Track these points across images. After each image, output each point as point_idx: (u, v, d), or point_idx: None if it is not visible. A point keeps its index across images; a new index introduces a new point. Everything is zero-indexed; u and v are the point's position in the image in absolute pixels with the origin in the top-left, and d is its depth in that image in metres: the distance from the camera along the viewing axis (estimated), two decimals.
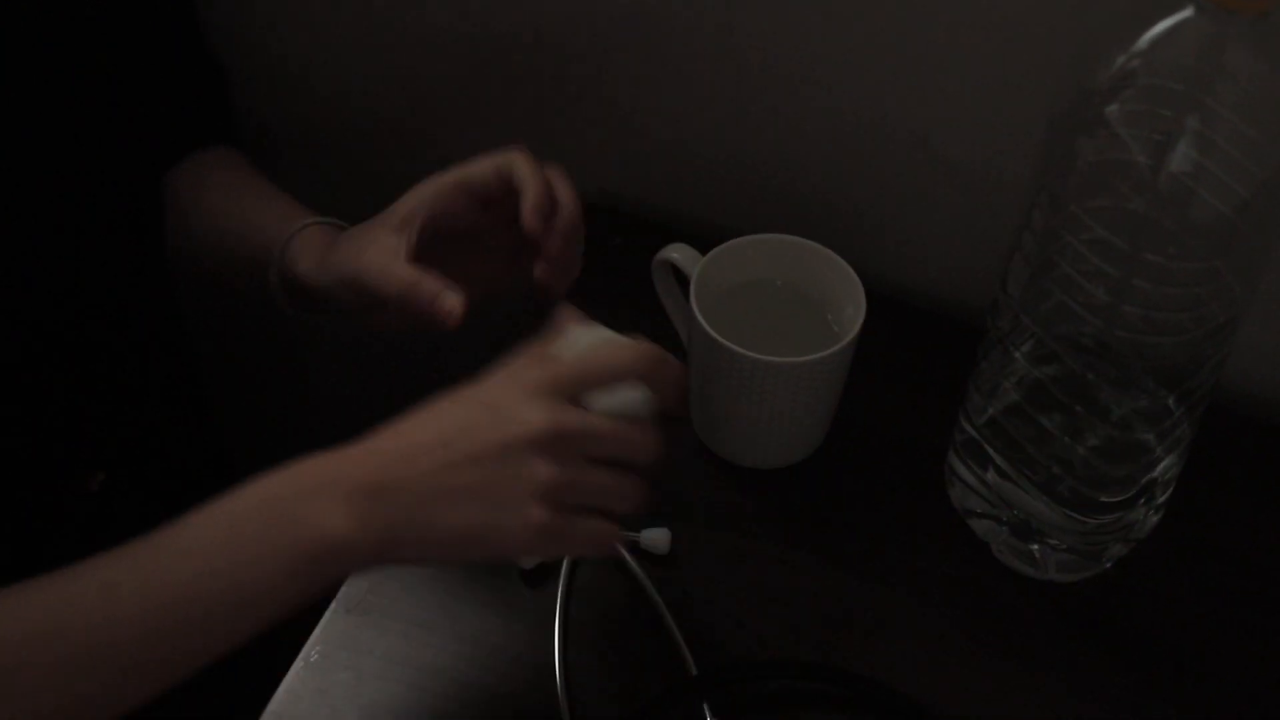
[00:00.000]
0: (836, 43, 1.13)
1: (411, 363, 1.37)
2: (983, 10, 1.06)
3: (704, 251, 1.06)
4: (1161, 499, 1.03)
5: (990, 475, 1.03)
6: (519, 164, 0.96)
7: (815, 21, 1.12)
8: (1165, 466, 1.00)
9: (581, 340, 0.88)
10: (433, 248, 0.97)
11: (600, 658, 1.00)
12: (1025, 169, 1.06)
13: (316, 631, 1.00)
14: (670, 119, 1.24)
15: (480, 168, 0.98)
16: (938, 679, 0.99)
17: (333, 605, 1.02)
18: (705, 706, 0.96)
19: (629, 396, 0.85)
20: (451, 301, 0.92)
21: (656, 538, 1.04)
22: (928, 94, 1.12)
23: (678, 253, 1.06)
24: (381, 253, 0.96)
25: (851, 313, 1.03)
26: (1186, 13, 0.81)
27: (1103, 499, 0.99)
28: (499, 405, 0.81)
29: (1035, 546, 1.03)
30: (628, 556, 1.03)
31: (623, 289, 1.19)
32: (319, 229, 1.05)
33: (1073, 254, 0.89)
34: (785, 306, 1.08)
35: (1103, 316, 0.90)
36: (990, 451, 1.02)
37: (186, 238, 1.11)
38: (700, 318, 1.01)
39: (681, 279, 1.07)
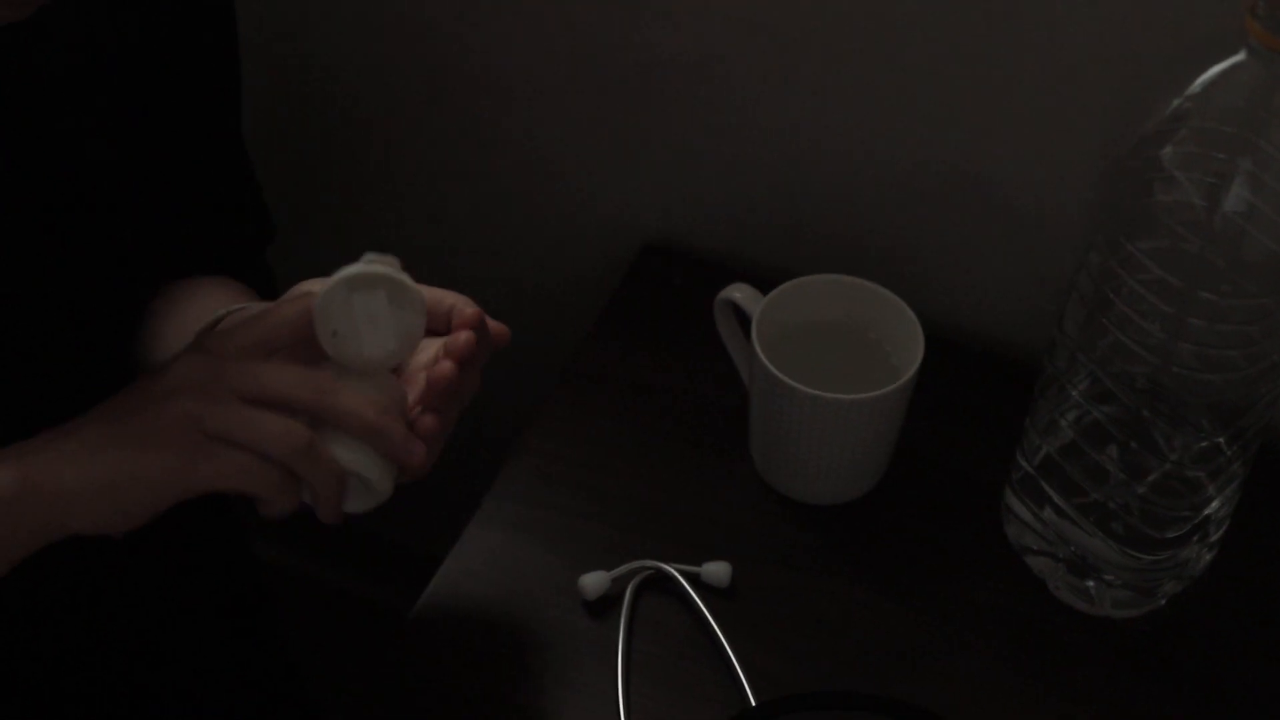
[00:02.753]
0: (893, 87, 1.14)
1: None
2: (1038, 56, 1.07)
3: (762, 290, 1.08)
4: (1215, 536, 1.03)
5: (1047, 512, 1.04)
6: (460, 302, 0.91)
7: (872, 66, 1.13)
8: (1218, 505, 1.00)
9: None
10: None
11: (661, 689, 1.01)
12: (1078, 210, 1.08)
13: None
14: (730, 161, 1.25)
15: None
16: (992, 712, 1.00)
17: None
18: None
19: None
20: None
21: (718, 571, 1.06)
22: (983, 137, 1.14)
23: (739, 292, 1.08)
24: None
25: (910, 352, 1.04)
26: (1239, 56, 0.83)
27: (1157, 536, 0.99)
28: (156, 374, 0.84)
29: (1091, 583, 1.04)
30: (689, 589, 1.05)
31: (682, 327, 1.21)
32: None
33: (1129, 293, 0.90)
34: (845, 346, 1.10)
35: (1158, 354, 0.91)
36: (1047, 489, 1.03)
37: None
38: (762, 356, 1.03)
39: (742, 318, 1.09)
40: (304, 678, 1.35)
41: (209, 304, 1.04)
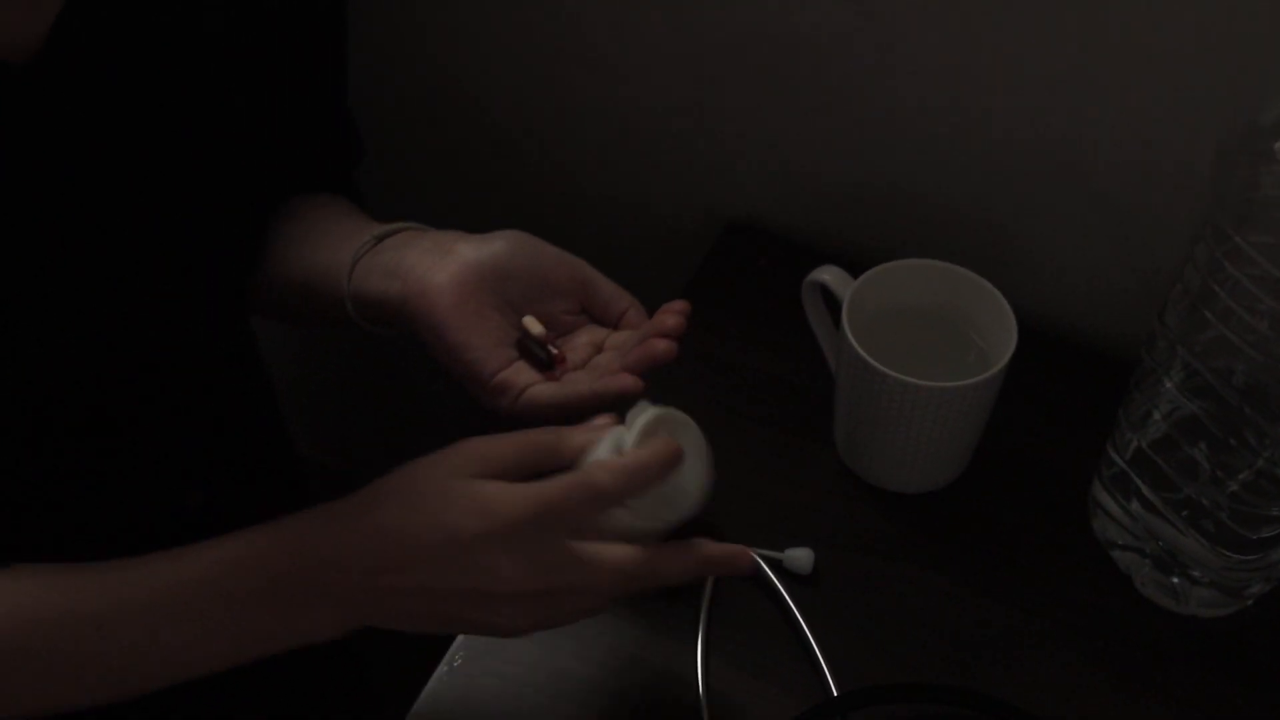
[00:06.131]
0: (991, 71, 1.13)
1: None
2: (1144, 42, 1.06)
3: (850, 274, 1.07)
4: None
5: (1135, 506, 1.02)
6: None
7: (972, 50, 1.12)
8: None
9: (609, 445, 0.85)
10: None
11: (741, 674, 1.00)
12: (1179, 202, 1.06)
13: (460, 638, 1.01)
14: (819, 141, 1.24)
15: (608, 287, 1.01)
16: (1074, 707, 0.99)
17: None
18: None
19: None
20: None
21: (800, 558, 1.05)
22: (1084, 125, 1.12)
23: (829, 274, 1.07)
24: (484, 329, 0.96)
25: (1002, 340, 1.03)
26: None
27: (1248, 535, 0.98)
28: (489, 551, 0.81)
29: (1177, 579, 1.02)
30: (771, 575, 1.04)
31: (765, 308, 1.20)
32: (382, 245, 1.03)
33: (1234, 286, 0.89)
34: (935, 332, 1.09)
35: (1260, 350, 0.90)
36: (1137, 482, 1.01)
37: (274, 273, 1.10)
38: (853, 340, 1.01)
39: (830, 300, 1.08)
40: (367, 649, 1.35)
41: (337, 219, 1.08)
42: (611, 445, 0.84)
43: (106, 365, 0.97)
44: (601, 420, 0.86)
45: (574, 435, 0.85)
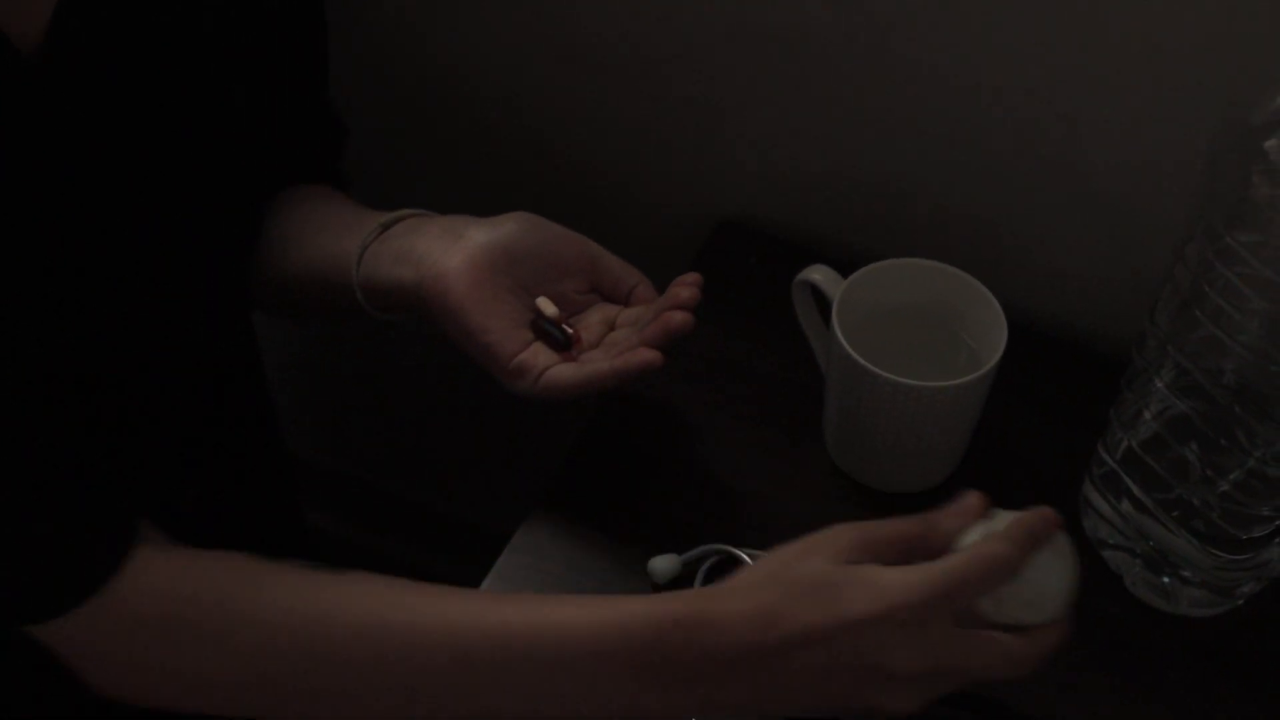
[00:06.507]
0: (988, 71, 1.13)
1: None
2: (1137, 42, 1.06)
3: (839, 272, 1.07)
4: None
5: (1125, 506, 1.02)
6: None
7: (967, 49, 1.12)
8: None
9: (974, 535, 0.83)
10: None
11: None
12: (1173, 204, 1.06)
13: None
14: (814, 141, 1.24)
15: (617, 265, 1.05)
16: (1065, 706, 0.99)
17: None
18: None
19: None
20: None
21: None
22: (1077, 125, 1.12)
23: (819, 274, 1.06)
24: (500, 312, 0.98)
25: (992, 340, 1.03)
26: None
27: (1239, 535, 0.98)
28: (883, 633, 0.79)
29: (1167, 579, 1.02)
30: None
31: (756, 306, 1.20)
32: (389, 232, 1.04)
33: (1225, 286, 0.89)
34: (925, 331, 1.08)
35: (1250, 350, 0.90)
36: (1128, 482, 1.01)
37: (275, 266, 1.10)
38: (843, 340, 1.01)
39: (820, 299, 1.08)
40: None
41: (335, 209, 1.09)
42: (983, 531, 0.82)
43: (103, 361, 0.97)
44: (969, 499, 0.85)
45: (944, 523, 0.84)
